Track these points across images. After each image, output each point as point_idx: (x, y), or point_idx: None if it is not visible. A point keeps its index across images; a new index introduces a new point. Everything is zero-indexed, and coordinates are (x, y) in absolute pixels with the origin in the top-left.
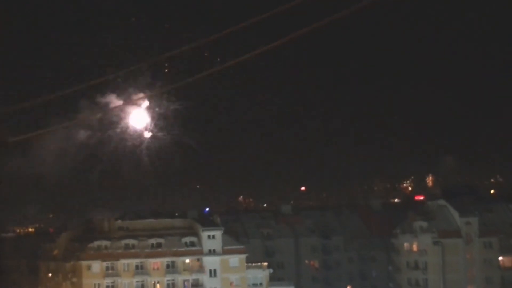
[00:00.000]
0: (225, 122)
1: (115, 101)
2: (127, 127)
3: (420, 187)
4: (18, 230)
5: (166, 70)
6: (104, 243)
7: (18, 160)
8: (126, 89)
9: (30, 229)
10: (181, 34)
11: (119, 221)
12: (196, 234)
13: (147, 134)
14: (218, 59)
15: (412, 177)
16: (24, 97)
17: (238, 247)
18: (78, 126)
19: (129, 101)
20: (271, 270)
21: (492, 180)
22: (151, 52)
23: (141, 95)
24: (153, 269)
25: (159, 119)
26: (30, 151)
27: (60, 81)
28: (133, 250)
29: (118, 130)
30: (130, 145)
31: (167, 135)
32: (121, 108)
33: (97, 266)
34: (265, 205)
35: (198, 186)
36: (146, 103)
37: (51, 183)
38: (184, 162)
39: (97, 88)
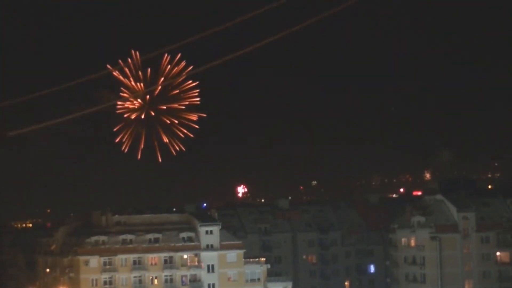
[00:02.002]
0: (223, 117)
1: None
2: (122, 125)
3: (418, 181)
4: (16, 225)
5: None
6: (102, 238)
7: (15, 154)
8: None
9: (27, 224)
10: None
11: (117, 216)
12: (193, 229)
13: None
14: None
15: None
16: (22, 91)
17: (235, 242)
18: (75, 120)
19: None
20: (268, 265)
21: (489, 174)
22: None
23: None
24: (151, 264)
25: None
26: (26, 145)
27: (60, 75)
28: (130, 245)
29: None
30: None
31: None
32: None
33: (94, 261)
34: (263, 200)
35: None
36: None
37: (48, 177)
38: (181, 156)
39: (90, 82)
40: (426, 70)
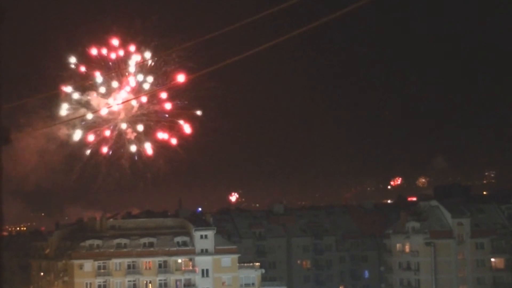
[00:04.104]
0: (215, 121)
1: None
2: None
3: (413, 187)
4: (10, 229)
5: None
6: (96, 242)
7: (8, 157)
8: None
9: (22, 228)
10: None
11: (111, 220)
12: (188, 234)
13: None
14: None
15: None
16: (25, 95)
17: (230, 247)
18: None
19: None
20: (263, 270)
21: (484, 181)
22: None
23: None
24: (145, 268)
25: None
26: (19, 148)
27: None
28: (125, 249)
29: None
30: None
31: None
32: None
33: (89, 265)
34: (257, 204)
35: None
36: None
37: (41, 182)
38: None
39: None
40: (422, 75)
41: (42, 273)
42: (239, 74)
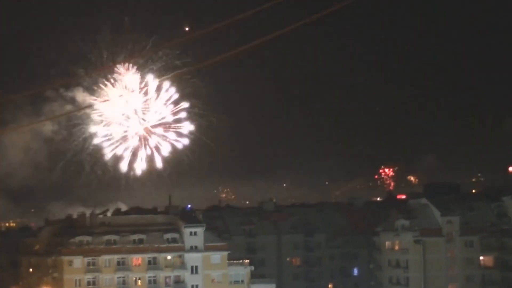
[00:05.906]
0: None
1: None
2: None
3: (403, 185)
4: None
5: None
6: (86, 238)
7: None
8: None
9: (11, 224)
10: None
11: (101, 216)
12: (178, 231)
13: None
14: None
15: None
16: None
17: (220, 244)
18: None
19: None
20: (252, 267)
21: (473, 179)
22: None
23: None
24: (135, 265)
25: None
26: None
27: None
28: (114, 246)
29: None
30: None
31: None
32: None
33: (78, 261)
34: (247, 202)
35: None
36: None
37: (32, 177)
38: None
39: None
40: (413, 73)
41: (31, 270)
42: (226, 71)
